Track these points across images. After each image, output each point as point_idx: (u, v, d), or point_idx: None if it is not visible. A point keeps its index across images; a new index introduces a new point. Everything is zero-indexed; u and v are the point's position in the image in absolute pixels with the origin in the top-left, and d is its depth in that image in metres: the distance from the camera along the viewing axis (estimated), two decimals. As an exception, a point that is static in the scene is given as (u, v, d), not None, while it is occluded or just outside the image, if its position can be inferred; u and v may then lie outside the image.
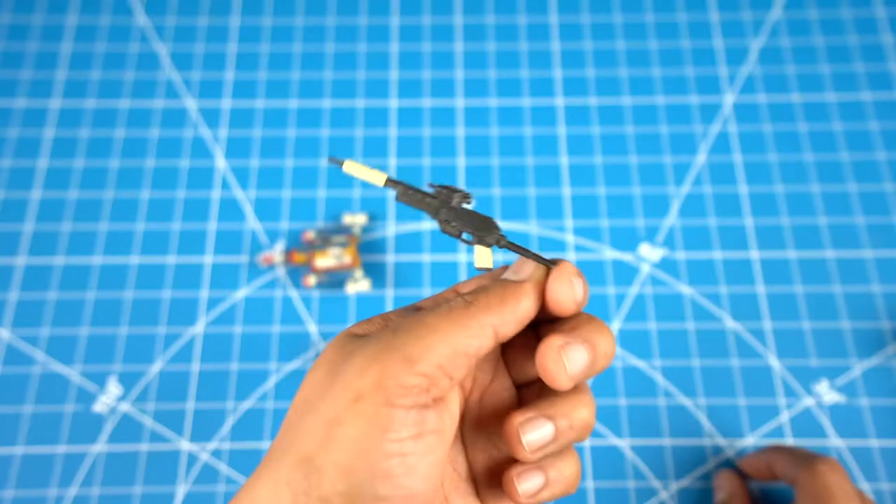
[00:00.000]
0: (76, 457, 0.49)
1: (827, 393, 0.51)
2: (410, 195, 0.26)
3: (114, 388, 0.51)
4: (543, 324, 0.28)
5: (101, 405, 0.51)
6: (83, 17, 0.64)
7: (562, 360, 0.24)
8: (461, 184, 0.58)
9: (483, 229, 0.26)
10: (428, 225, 0.56)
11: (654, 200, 0.58)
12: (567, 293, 0.25)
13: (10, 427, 0.50)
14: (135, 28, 0.64)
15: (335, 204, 0.57)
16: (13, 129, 0.60)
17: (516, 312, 0.25)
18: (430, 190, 0.27)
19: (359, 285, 0.54)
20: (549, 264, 0.26)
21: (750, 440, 0.49)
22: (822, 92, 0.61)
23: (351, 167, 0.26)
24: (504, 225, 0.57)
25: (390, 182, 0.26)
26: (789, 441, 0.50)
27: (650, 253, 0.56)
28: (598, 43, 0.64)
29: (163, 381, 0.51)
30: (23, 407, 0.51)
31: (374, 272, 0.55)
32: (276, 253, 0.55)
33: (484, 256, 0.27)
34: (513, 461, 0.26)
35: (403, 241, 0.56)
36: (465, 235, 0.26)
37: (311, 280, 0.53)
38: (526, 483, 0.25)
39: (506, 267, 0.28)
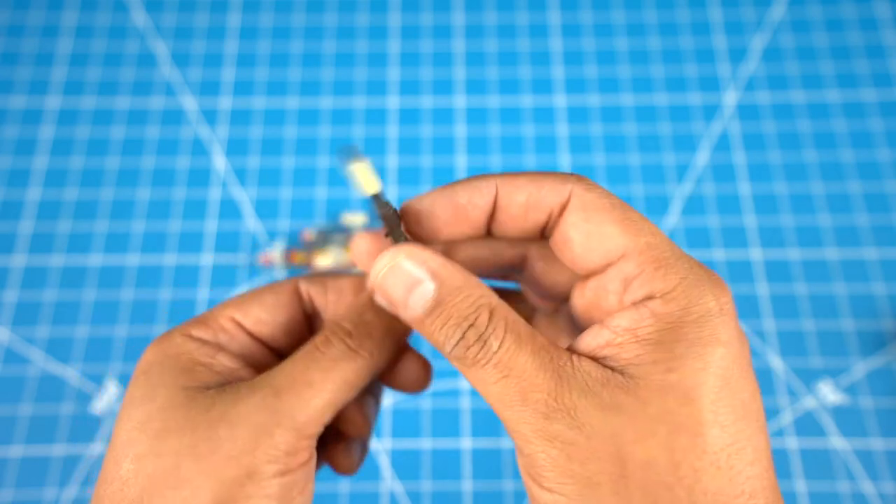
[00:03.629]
0: (74, 458, 0.49)
1: (830, 393, 0.50)
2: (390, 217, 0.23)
3: (112, 389, 0.51)
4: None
5: (99, 406, 0.50)
6: (81, 16, 0.64)
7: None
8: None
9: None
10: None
11: (656, 200, 0.57)
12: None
13: (8, 428, 0.50)
14: (133, 26, 0.64)
15: (334, 204, 0.57)
16: (11, 128, 0.59)
17: (396, 351, 0.24)
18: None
19: (358, 285, 0.53)
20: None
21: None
22: (825, 91, 0.61)
23: (358, 169, 0.23)
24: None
25: (379, 200, 0.23)
26: (792, 442, 0.49)
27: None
28: (599, 41, 0.63)
29: (161, 381, 0.51)
30: (20, 407, 0.50)
31: (374, 272, 0.55)
32: (276, 253, 0.55)
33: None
34: None
35: (403, 241, 0.56)
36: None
37: (311, 280, 0.53)
38: None
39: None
